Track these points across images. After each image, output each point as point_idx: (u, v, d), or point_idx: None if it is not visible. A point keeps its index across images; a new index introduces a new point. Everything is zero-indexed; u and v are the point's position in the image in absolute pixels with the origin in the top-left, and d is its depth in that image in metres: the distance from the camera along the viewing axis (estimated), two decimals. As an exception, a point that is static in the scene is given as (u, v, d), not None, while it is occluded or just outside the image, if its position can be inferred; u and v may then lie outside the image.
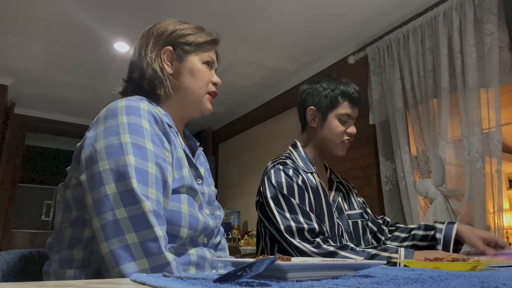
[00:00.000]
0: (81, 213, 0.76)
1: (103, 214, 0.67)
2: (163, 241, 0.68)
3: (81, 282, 0.49)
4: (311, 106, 1.32)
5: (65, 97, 4.18)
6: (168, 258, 0.67)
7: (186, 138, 1.01)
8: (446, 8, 2.33)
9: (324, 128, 1.31)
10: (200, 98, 0.94)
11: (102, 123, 0.76)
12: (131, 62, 0.93)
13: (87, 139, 0.76)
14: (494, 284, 0.43)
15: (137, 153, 0.72)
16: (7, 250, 0.87)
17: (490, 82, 2.09)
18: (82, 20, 2.79)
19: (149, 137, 0.75)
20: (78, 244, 0.75)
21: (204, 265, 0.83)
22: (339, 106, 1.29)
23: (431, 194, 2.30)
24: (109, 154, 0.71)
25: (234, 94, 4.13)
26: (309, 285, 0.44)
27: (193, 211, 0.81)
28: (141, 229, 0.66)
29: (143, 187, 0.69)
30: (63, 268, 0.73)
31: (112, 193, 0.67)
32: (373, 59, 2.84)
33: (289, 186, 1.17)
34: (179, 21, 0.96)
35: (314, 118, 1.33)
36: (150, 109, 0.79)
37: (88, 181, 0.71)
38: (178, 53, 0.92)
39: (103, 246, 0.66)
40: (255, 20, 2.81)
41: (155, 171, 0.73)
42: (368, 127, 2.85)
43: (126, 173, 0.69)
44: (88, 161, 0.72)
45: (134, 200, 0.67)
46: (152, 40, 0.92)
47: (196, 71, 0.93)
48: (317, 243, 1.09)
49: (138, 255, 0.65)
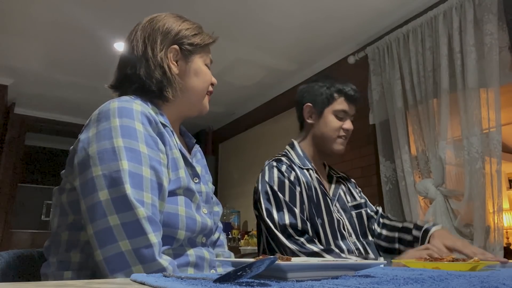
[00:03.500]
0: (77, 217, 0.75)
1: (97, 221, 0.66)
2: (157, 247, 0.67)
3: (81, 282, 0.49)
4: (308, 103, 1.34)
5: (65, 97, 4.18)
6: (163, 264, 0.67)
7: (182, 135, 1.00)
8: (446, 8, 2.33)
9: (321, 123, 1.33)
10: (201, 98, 0.95)
11: (94, 126, 0.74)
12: (134, 57, 0.88)
13: (80, 143, 0.74)
14: (494, 284, 0.43)
15: (130, 157, 0.70)
16: (7, 250, 0.87)
17: (490, 82, 2.08)
18: (82, 20, 2.79)
19: (143, 140, 0.74)
20: (75, 248, 0.74)
21: (203, 265, 0.83)
22: (335, 102, 1.32)
23: (431, 194, 2.30)
24: (102, 159, 0.69)
25: (234, 94, 4.13)
26: (309, 285, 0.44)
27: (191, 212, 0.81)
28: (135, 236, 0.65)
29: (138, 192, 0.68)
30: (60, 270, 0.73)
31: (105, 199, 0.66)
32: (373, 59, 2.84)
33: (281, 182, 1.20)
34: (179, 17, 0.95)
35: (311, 115, 1.35)
36: (143, 110, 0.77)
37: (81, 187, 0.70)
38: (184, 53, 0.91)
39: (97, 253, 0.66)
40: (256, 20, 2.81)
41: (150, 175, 0.72)
42: (368, 127, 2.85)
43: (119, 178, 0.68)
44: (81, 167, 0.71)
45: (128, 207, 0.66)
46: (159, 37, 0.88)
47: (200, 72, 0.93)
48: (301, 242, 1.11)
49: (132, 262, 0.65)
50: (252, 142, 4.36)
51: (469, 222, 2.14)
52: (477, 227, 2.06)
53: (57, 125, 4.72)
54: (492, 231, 2.02)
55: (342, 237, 1.22)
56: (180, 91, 0.89)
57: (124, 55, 0.91)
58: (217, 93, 1.00)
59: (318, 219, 1.20)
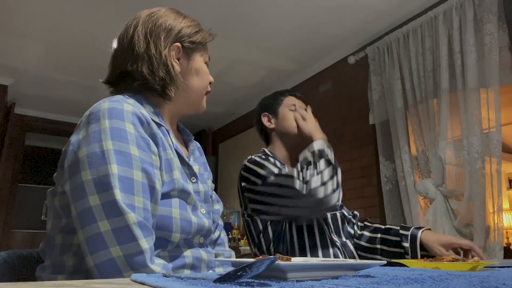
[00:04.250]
0: (70, 221, 0.73)
1: (87, 227, 0.65)
2: (149, 253, 0.66)
3: (80, 282, 0.49)
4: (264, 112, 1.52)
5: (65, 97, 4.18)
6: (155, 270, 0.66)
7: (180, 132, 0.99)
8: (446, 8, 2.33)
9: (279, 121, 1.47)
10: (201, 97, 0.94)
11: (84, 128, 0.73)
12: (135, 53, 0.85)
13: (70, 145, 0.73)
14: (494, 284, 0.43)
15: (120, 161, 0.69)
16: (7, 250, 0.87)
17: (490, 82, 2.09)
18: (82, 20, 2.79)
19: (134, 142, 0.72)
20: (69, 251, 0.73)
21: (200, 267, 0.82)
22: (285, 100, 1.47)
23: (431, 194, 2.30)
24: (91, 163, 0.68)
25: (234, 94, 4.13)
26: (309, 285, 0.44)
27: (185, 214, 0.79)
28: (126, 242, 0.65)
29: (128, 196, 0.67)
30: (55, 273, 0.73)
31: (95, 205, 0.65)
32: (373, 59, 2.84)
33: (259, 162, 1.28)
34: (178, 13, 0.93)
35: (270, 120, 1.49)
36: (134, 110, 0.75)
37: (71, 191, 0.69)
38: (186, 51, 0.89)
39: (88, 259, 0.65)
40: (256, 20, 2.81)
41: (141, 178, 0.70)
42: (368, 127, 2.85)
43: (109, 183, 0.66)
44: (70, 170, 0.70)
45: (117, 212, 0.65)
46: (163, 34, 0.86)
47: (201, 71, 0.92)
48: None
49: (123, 268, 0.64)
50: (252, 142, 4.36)
51: (469, 222, 2.14)
52: (477, 227, 2.06)
53: (57, 125, 4.72)
54: (492, 231, 2.02)
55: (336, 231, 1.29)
56: (182, 90, 0.88)
57: (122, 50, 0.88)
58: (217, 93, 1.00)
59: None
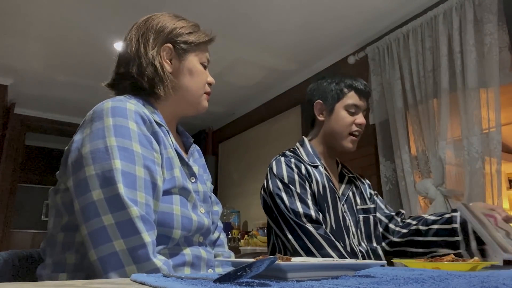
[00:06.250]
0: (72, 218, 0.75)
1: (90, 221, 0.66)
2: (151, 247, 0.67)
3: (80, 282, 0.49)
4: (318, 100, 1.33)
5: (65, 97, 4.18)
6: (157, 264, 0.66)
7: (179, 134, 0.99)
8: (446, 8, 2.33)
9: (332, 120, 1.31)
10: (198, 98, 0.94)
11: (88, 126, 0.74)
12: (127, 55, 0.89)
13: (74, 143, 0.74)
14: (494, 284, 0.43)
15: (123, 157, 0.70)
16: (7, 250, 0.87)
17: (490, 82, 2.08)
18: (82, 20, 2.79)
19: (137, 139, 0.73)
20: (70, 249, 0.74)
21: (200, 265, 0.82)
22: (345, 96, 1.31)
23: (431, 194, 2.30)
24: (94, 159, 0.69)
25: (234, 94, 4.13)
26: (309, 285, 0.44)
27: (186, 211, 0.80)
28: (129, 236, 0.65)
29: (131, 191, 0.68)
30: (56, 272, 0.73)
31: (98, 199, 0.66)
32: (373, 59, 2.84)
33: (290, 175, 1.20)
34: (175, 16, 0.94)
35: (322, 112, 1.34)
36: (137, 109, 0.77)
37: (75, 187, 0.70)
38: (178, 52, 0.90)
39: (92, 253, 0.66)
40: (256, 20, 2.81)
41: (144, 174, 0.72)
42: (368, 127, 2.84)
43: (112, 178, 0.67)
44: (74, 167, 0.71)
45: (121, 206, 0.66)
46: (152, 35, 0.88)
47: (195, 71, 0.92)
48: (316, 227, 1.12)
49: (126, 261, 0.65)
50: (252, 142, 4.36)
51: (469, 222, 2.14)
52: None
53: (57, 125, 4.72)
54: (492, 231, 2.01)
55: (348, 236, 1.21)
56: (173, 90, 0.89)
57: (119, 54, 0.92)
58: (217, 93, 1.00)
59: (326, 216, 1.19)
